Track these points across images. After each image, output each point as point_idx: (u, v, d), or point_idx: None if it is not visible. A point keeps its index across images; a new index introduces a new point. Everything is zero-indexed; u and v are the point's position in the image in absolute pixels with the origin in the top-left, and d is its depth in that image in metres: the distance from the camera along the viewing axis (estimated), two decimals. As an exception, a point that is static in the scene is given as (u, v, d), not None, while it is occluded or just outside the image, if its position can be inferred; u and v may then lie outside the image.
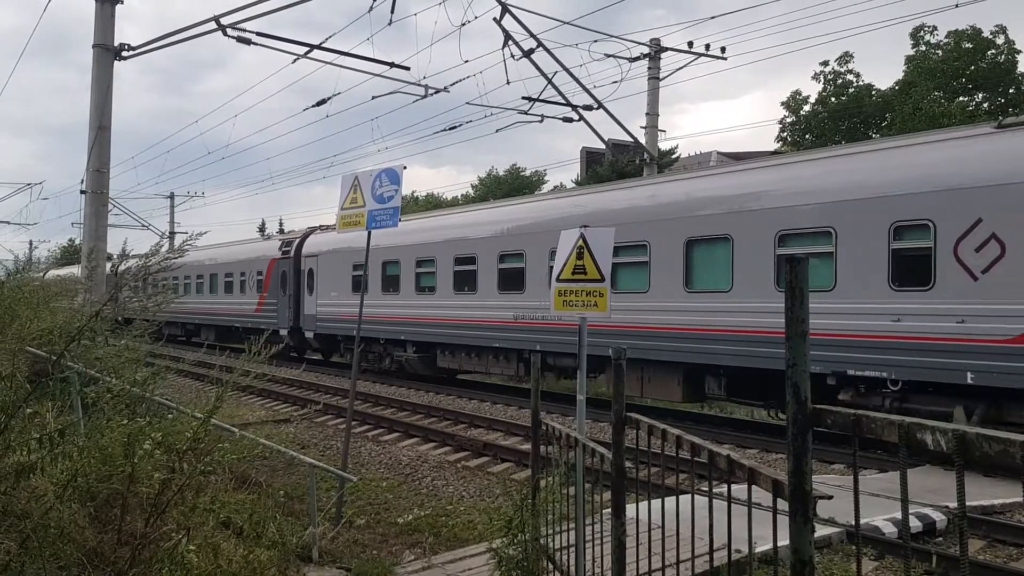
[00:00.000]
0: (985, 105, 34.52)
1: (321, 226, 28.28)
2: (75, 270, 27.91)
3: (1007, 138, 10.55)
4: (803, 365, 2.26)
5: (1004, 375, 10.06)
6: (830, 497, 2.42)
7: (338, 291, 24.28)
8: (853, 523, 2.40)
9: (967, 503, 1.90)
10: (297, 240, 28.06)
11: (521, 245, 17.58)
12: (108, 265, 15.48)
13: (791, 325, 2.29)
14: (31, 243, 61.98)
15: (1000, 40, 33.99)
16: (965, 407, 10.60)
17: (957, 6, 16.84)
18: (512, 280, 17.81)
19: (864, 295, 11.50)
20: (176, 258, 6.28)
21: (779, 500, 2.49)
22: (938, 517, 7.90)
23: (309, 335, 26.12)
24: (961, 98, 34.69)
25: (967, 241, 10.48)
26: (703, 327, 13.62)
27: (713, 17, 34.40)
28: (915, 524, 7.70)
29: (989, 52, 34.14)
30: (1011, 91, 34.03)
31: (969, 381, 10.34)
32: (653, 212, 14.86)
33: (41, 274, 13.89)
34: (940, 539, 7.73)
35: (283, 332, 26.59)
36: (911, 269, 11.12)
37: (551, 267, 8.53)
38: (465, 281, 19.22)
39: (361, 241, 9.89)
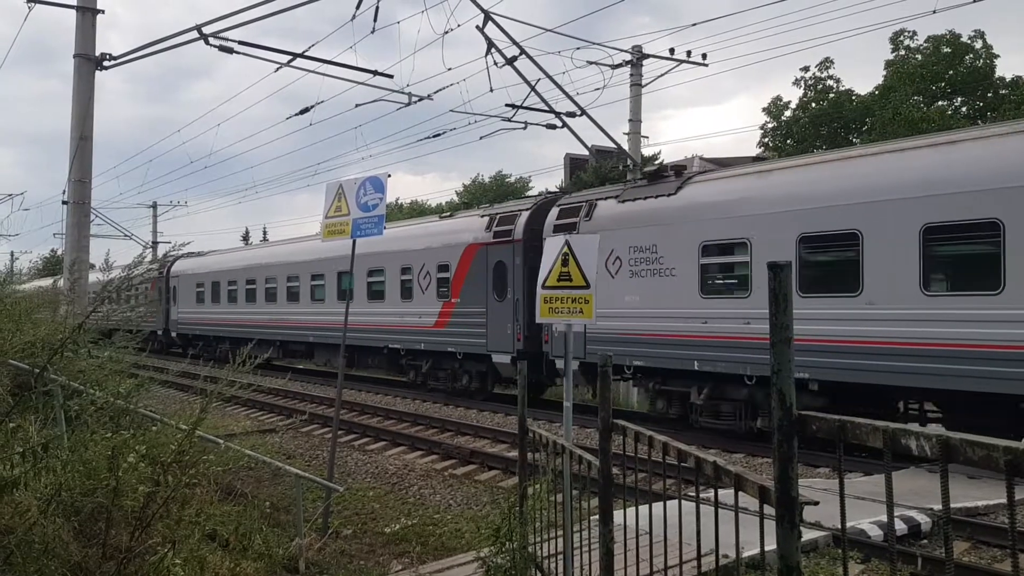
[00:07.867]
0: (964, 109, 34.89)
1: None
2: (58, 281, 27.38)
3: None
4: (787, 371, 2.27)
5: None
6: (816, 503, 2.43)
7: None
8: (839, 527, 2.41)
9: (951, 505, 1.92)
10: (528, 211, 17.64)
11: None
12: (91, 275, 15.35)
13: (775, 331, 2.29)
14: (12, 254, 61.39)
15: (978, 45, 34.38)
16: None
17: (935, 12, 16.98)
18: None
19: None
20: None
21: (765, 505, 2.49)
22: (923, 519, 7.94)
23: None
24: (940, 102, 35.02)
25: None
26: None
27: (695, 24, 34.74)
28: (900, 527, 7.74)
29: (967, 57, 34.51)
30: (989, 95, 34.40)
31: None
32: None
33: (23, 285, 13.77)
34: (925, 541, 7.78)
35: (501, 360, 17.59)
36: None
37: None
38: None
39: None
